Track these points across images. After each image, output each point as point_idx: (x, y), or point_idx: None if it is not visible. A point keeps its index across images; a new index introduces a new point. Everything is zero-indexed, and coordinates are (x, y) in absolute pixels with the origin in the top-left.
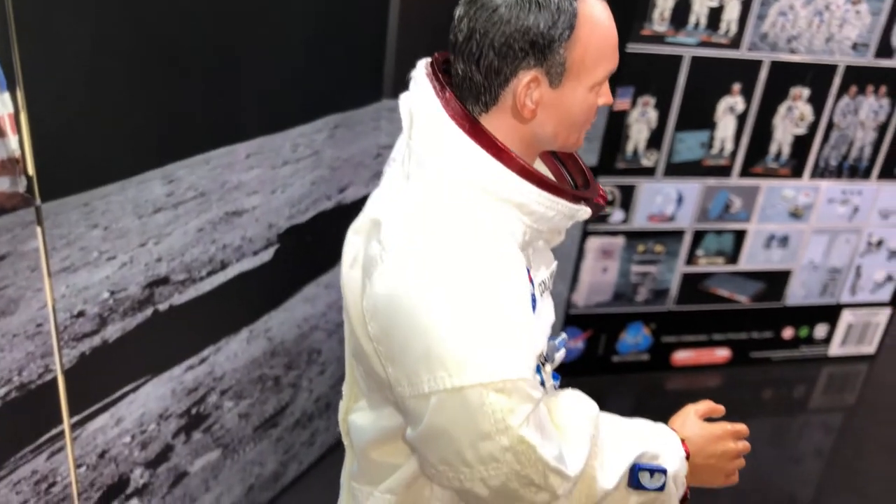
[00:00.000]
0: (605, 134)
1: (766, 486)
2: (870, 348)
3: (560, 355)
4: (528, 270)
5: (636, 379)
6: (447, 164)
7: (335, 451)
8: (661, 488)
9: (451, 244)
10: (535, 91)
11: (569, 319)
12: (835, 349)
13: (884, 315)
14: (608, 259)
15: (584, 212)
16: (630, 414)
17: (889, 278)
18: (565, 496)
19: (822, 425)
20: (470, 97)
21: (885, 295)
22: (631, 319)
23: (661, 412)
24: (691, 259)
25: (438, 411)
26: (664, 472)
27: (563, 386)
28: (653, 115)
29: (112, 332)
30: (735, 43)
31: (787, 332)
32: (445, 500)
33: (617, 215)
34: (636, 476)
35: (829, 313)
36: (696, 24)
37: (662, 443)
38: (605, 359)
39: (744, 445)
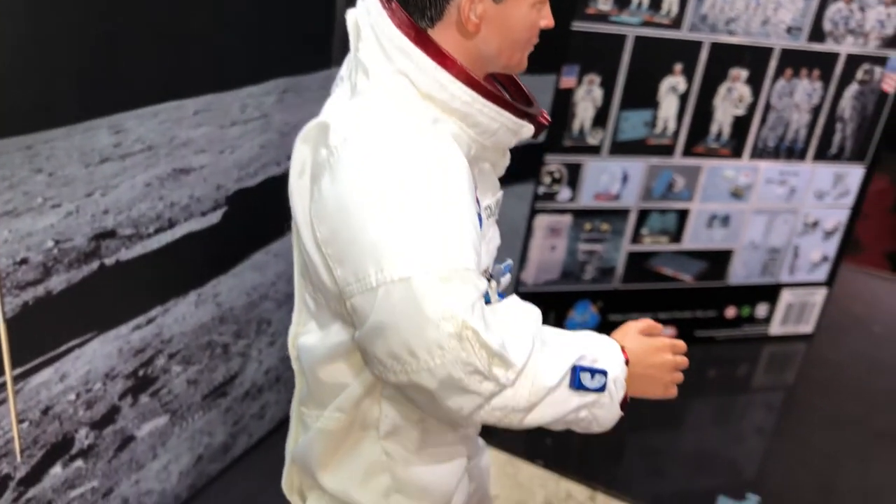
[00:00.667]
0: (552, 111)
1: (711, 464)
2: (808, 327)
3: (506, 280)
4: (475, 190)
5: None
6: (393, 73)
7: (285, 425)
8: (602, 389)
9: (398, 143)
10: (478, 5)
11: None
12: (775, 328)
13: (820, 295)
14: (556, 237)
15: (528, 129)
16: None
17: (824, 258)
18: (509, 388)
19: (765, 403)
20: (416, 12)
21: (821, 275)
22: (579, 297)
23: None
24: (636, 238)
25: (385, 303)
26: (605, 373)
27: None
28: (598, 93)
29: (56, 283)
30: (676, 23)
31: (730, 312)
32: (395, 418)
33: (564, 193)
34: (577, 377)
35: (770, 293)
36: (640, 4)
37: (603, 347)
38: None
39: (682, 359)
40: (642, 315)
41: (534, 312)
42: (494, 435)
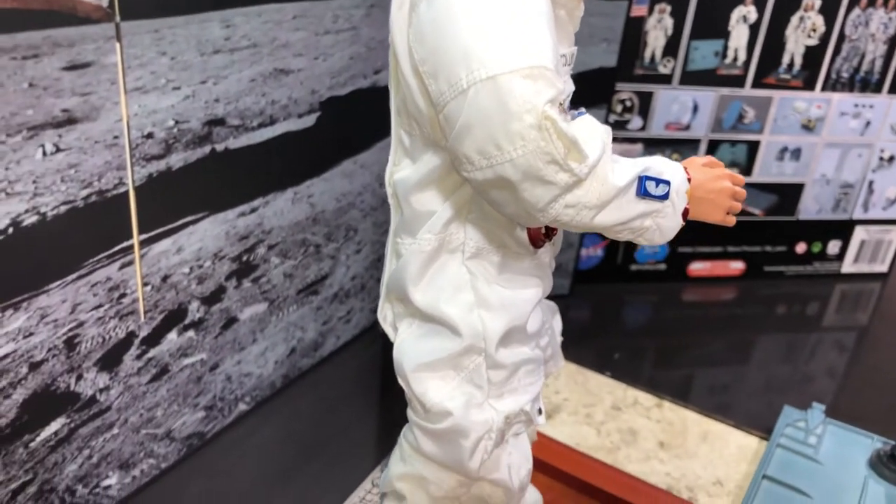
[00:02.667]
0: (623, 39)
1: (780, 394)
2: (882, 266)
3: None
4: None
5: (653, 288)
6: None
7: (369, 332)
8: (666, 196)
9: None
10: None
11: None
12: (848, 266)
13: None
14: None
15: None
16: (648, 322)
17: None
18: (582, 183)
19: (836, 342)
20: None
21: None
22: None
23: (677, 323)
24: None
25: (474, 102)
26: (668, 183)
27: (583, 296)
28: (668, 22)
29: (175, 160)
30: None
31: (800, 247)
32: (478, 242)
33: (635, 122)
34: (643, 184)
35: (842, 229)
36: None
37: (666, 164)
38: (623, 267)
39: (741, 190)
40: (711, 247)
41: (605, 126)
42: (564, 347)
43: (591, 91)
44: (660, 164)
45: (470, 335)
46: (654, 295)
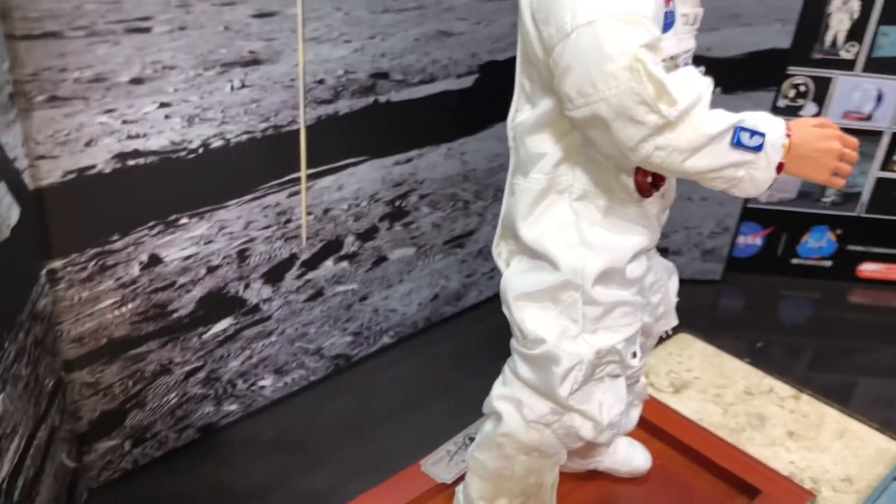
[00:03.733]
0: (800, 19)
1: None
2: None
3: None
4: None
5: (816, 285)
6: None
7: None
8: (759, 148)
9: None
10: None
11: (747, 213)
12: None
13: None
14: None
15: None
16: (805, 320)
17: None
18: (673, 127)
19: None
20: None
21: None
22: (816, 222)
23: (840, 325)
24: (887, 164)
25: (575, 45)
26: (763, 135)
27: (735, 284)
28: (855, 5)
29: (342, 106)
30: None
31: None
32: (585, 184)
33: (809, 108)
34: (737, 135)
35: None
36: None
37: (766, 117)
38: (784, 260)
39: (851, 153)
40: (886, 249)
41: (707, 79)
42: (700, 329)
43: (759, 72)
44: (758, 118)
45: (568, 271)
46: (815, 292)
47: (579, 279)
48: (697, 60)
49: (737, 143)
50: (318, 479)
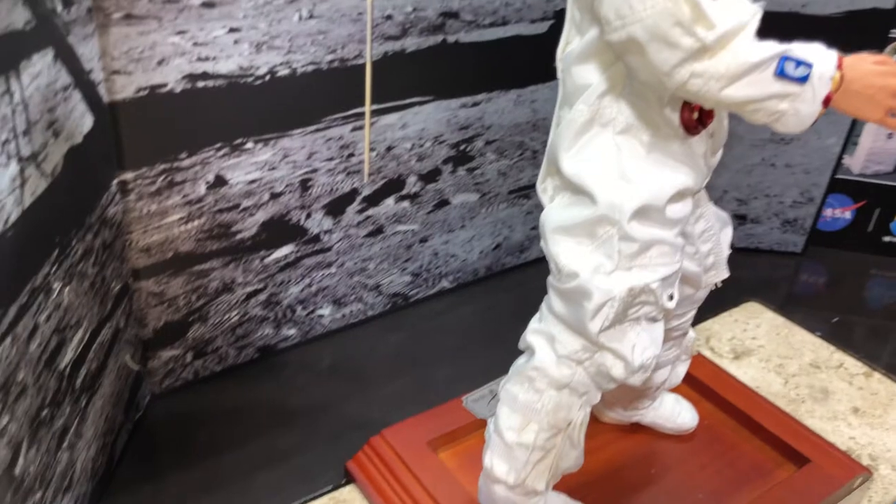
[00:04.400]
0: None
1: None
2: None
3: None
4: None
5: None
6: None
7: None
8: (804, 79)
9: None
10: None
11: (837, 185)
12: None
13: None
14: None
15: None
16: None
17: None
18: (710, 50)
19: None
20: None
21: None
22: None
23: None
24: None
25: None
26: (810, 66)
27: (818, 258)
28: None
29: (410, 43)
30: None
31: None
32: (629, 117)
33: None
34: (782, 65)
35: None
36: None
37: (816, 49)
38: (875, 237)
39: None
40: None
41: (755, 7)
42: (774, 301)
43: (859, 33)
44: (807, 49)
45: (605, 205)
46: None
47: (616, 214)
48: (791, 17)
49: (780, 74)
50: (367, 407)
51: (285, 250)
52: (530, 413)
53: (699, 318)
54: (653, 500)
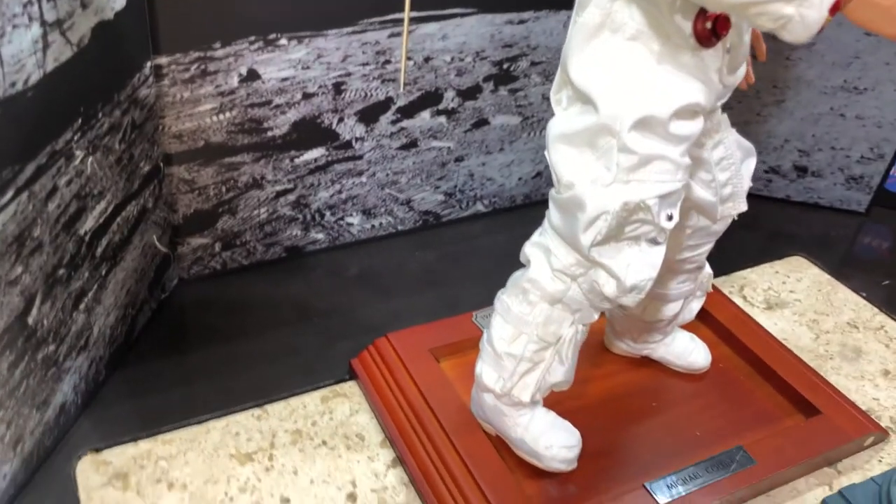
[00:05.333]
0: None
1: None
2: None
3: None
4: None
5: None
6: None
7: None
8: None
9: None
10: None
11: None
12: None
13: None
14: None
15: None
16: None
17: None
18: None
19: None
20: None
21: None
22: None
23: None
24: None
25: None
26: None
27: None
28: None
29: None
30: None
31: None
32: (640, 24)
33: None
34: None
35: None
36: None
37: None
38: None
39: None
40: None
41: None
42: (825, 260)
43: None
44: None
45: (607, 114)
46: None
47: (616, 124)
48: None
49: None
50: (385, 317)
51: (316, 153)
52: (521, 325)
53: (736, 266)
54: (647, 432)
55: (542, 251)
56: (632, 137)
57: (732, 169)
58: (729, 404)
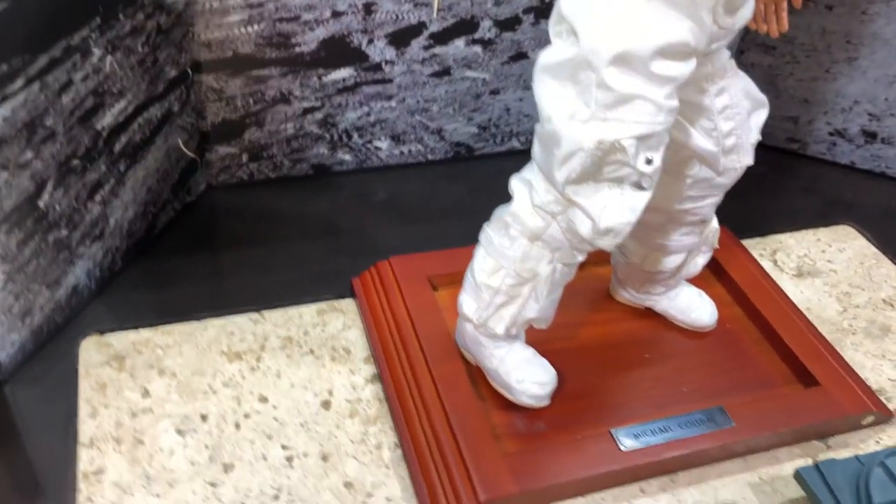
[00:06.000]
0: None
1: None
2: None
3: None
4: None
5: None
6: None
7: None
8: None
9: None
10: None
11: None
12: None
13: None
14: None
15: None
16: None
17: None
18: None
19: None
20: None
21: None
22: None
23: None
24: None
25: None
26: None
27: None
28: None
29: None
30: None
31: None
32: None
33: None
34: None
35: None
36: None
37: None
38: None
39: None
40: None
41: None
42: (879, 233)
43: None
44: None
45: (587, 47)
46: None
47: (595, 59)
48: None
49: None
50: (405, 242)
51: (344, 73)
52: (501, 258)
53: (773, 228)
54: (632, 382)
55: (526, 185)
56: (610, 73)
57: (737, 119)
58: (726, 365)
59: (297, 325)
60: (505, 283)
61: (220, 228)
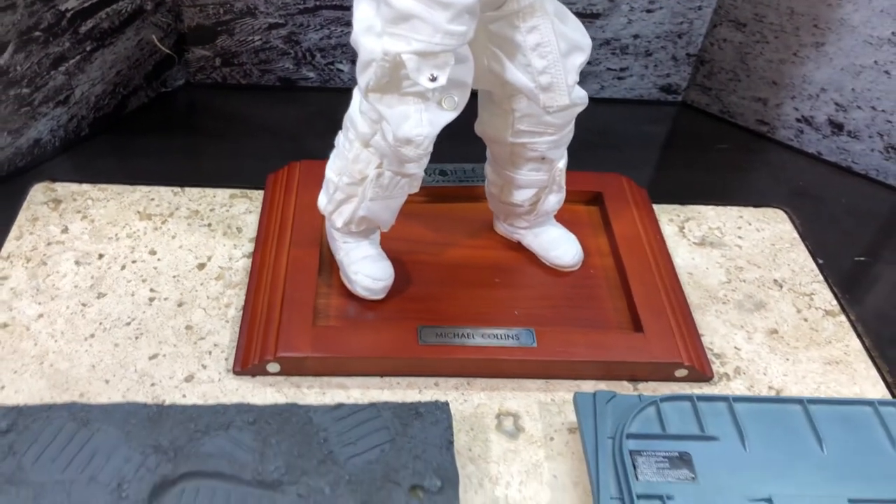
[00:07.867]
0: None
1: None
2: None
3: None
4: None
5: None
6: None
7: (648, 104)
8: None
9: None
10: None
11: None
12: None
13: None
14: None
15: None
16: None
17: None
18: None
19: None
20: None
21: None
22: None
23: None
24: None
25: None
26: None
27: None
28: None
29: None
30: None
31: None
32: None
33: None
34: None
35: None
36: None
37: None
38: None
39: None
40: None
41: None
42: (830, 232)
43: None
44: None
45: None
46: None
47: None
48: None
49: None
50: None
51: None
52: (341, 158)
53: (701, 201)
54: (469, 298)
55: (360, 92)
56: None
57: (550, 58)
58: (568, 302)
59: (209, 203)
60: (342, 180)
61: (190, 120)
